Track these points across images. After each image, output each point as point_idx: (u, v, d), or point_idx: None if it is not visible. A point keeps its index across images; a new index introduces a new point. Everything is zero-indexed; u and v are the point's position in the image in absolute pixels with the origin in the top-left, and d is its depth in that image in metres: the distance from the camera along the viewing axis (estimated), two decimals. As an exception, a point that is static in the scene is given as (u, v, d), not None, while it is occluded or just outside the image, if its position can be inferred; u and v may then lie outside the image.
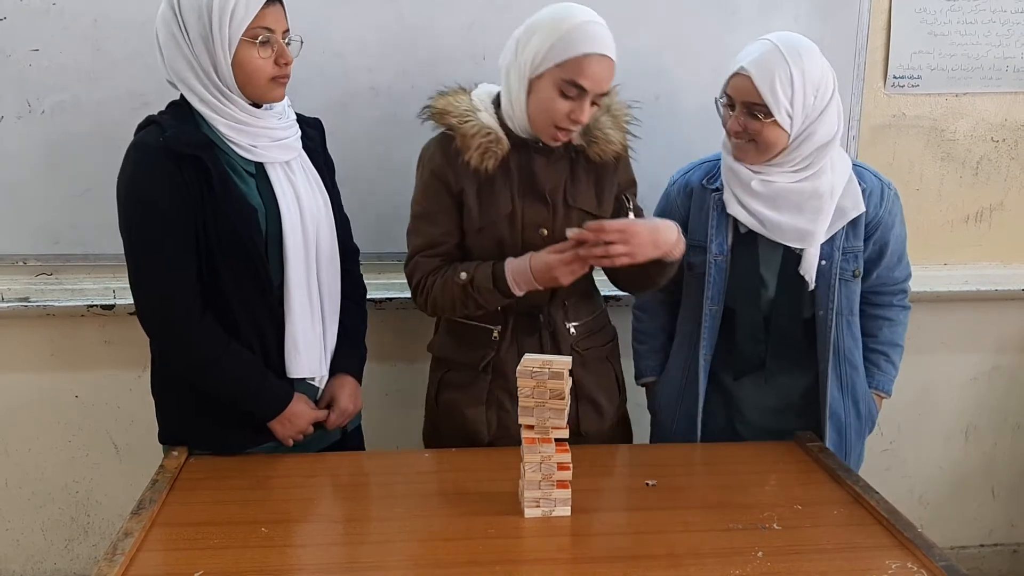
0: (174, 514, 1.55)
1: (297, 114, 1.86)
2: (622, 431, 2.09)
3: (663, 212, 2.05)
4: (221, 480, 1.69)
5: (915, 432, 2.77)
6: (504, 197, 1.83)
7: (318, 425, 1.86)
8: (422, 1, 2.29)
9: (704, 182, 1.97)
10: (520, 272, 1.77)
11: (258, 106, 1.74)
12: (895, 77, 2.50)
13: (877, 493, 1.64)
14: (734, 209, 1.89)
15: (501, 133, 1.80)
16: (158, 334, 1.76)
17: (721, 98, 1.87)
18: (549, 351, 1.89)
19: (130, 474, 2.48)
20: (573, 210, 1.86)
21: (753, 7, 2.38)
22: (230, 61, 1.65)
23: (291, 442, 1.82)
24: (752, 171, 1.87)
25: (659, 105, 2.39)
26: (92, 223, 2.29)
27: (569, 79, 1.71)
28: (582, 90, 1.71)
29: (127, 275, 1.73)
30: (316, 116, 1.94)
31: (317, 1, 2.26)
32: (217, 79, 1.67)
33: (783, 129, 1.80)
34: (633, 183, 1.99)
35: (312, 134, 1.88)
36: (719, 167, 1.95)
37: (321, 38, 2.28)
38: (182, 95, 1.71)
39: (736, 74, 1.82)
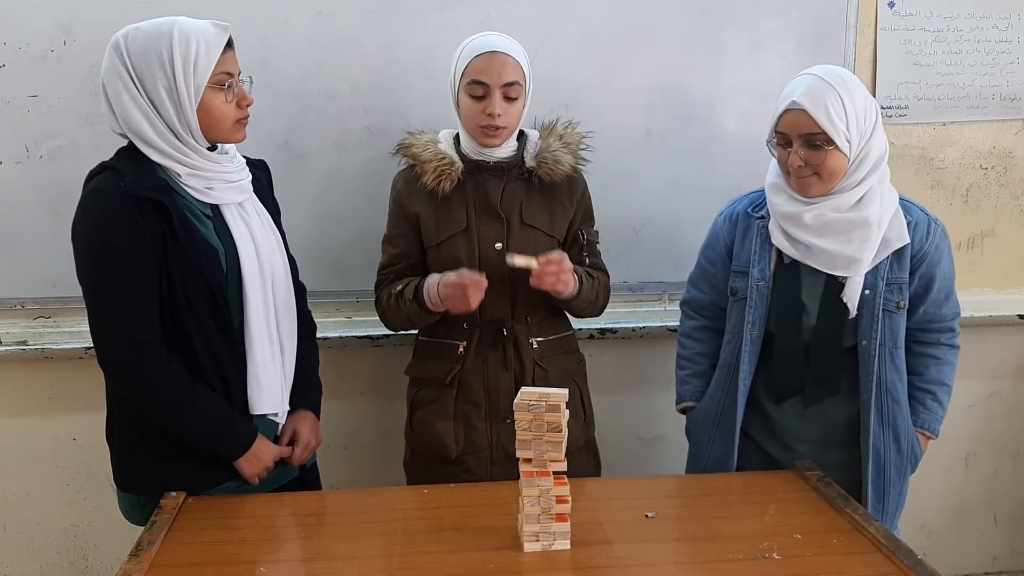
0: (173, 555, 1.54)
1: (244, 156, 1.87)
2: (589, 456, 2.12)
3: (710, 241, 2.08)
4: (220, 520, 1.69)
5: (915, 460, 2.76)
6: (460, 214, 1.98)
7: (279, 462, 1.86)
8: (416, 45, 2.33)
9: (749, 210, 2.00)
10: (431, 288, 1.92)
11: (212, 149, 1.76)
12: (883, 107, 2.52)
13: (877, 521, 1.63)
14: (778, 240, 1.91)
15: (456, 158, 1.99)
16: (124, 379, 1.74)
17: (772, 139, 1.89)
18: (513, 365, 2.00)
19: (129, 517, 2.47)
20: (527, 227, 1.99)
21: (741, 45, 2.42)
22: (195, 108, 1.67)
23: (257, 480, 1.81)
24: (804, 206, 1.87)
25: (650, 140, 2.43)
26: (90, 266, 2.31)
27: (470, 81, 1.92)
28: (484, 85, 1.90)
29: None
30: (263, 158, 1.96)
31: (314, 44, 2.31)
32: (179, 127, 1.68)
33: (844, 154, 1.82)
34: (590, 218, 2.12)
35: (259, 176, 1.89)
36: (763, 197, 1.97)
37: (317, 80, 2.33)
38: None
39: (787, 111, 1.83)
